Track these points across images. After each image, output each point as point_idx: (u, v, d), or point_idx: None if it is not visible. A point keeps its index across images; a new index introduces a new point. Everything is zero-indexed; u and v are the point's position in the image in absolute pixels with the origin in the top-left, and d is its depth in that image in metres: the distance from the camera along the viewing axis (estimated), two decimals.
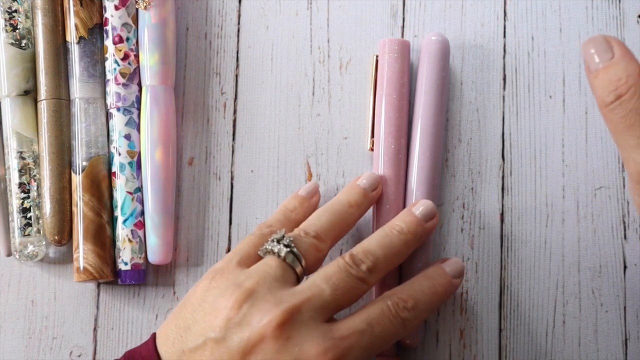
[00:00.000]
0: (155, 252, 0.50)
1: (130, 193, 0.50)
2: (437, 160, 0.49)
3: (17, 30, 0.51)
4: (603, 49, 0.37)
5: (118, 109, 0.51)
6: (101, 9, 0.52)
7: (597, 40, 0.38)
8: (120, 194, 0.50)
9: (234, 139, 0.53)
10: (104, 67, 0.52)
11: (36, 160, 0.51)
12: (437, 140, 0.49)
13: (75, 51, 0.51)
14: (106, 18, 0.51)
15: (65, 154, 0.51)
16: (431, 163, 0.49)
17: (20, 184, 0.50)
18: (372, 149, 0.51)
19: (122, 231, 0.50)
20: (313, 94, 0.53)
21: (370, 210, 0.49)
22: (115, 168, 0.51)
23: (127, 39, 0.51)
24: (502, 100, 0.52)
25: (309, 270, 0.44)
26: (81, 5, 0.51)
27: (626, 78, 0.36)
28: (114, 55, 0.51)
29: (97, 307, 0.51)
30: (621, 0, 0.52)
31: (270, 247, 0.43)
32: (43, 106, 0.51)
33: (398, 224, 0.45)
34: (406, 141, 0.50)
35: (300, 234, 0.44)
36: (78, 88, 0.51)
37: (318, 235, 0.44)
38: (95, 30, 0.51)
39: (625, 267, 0.50)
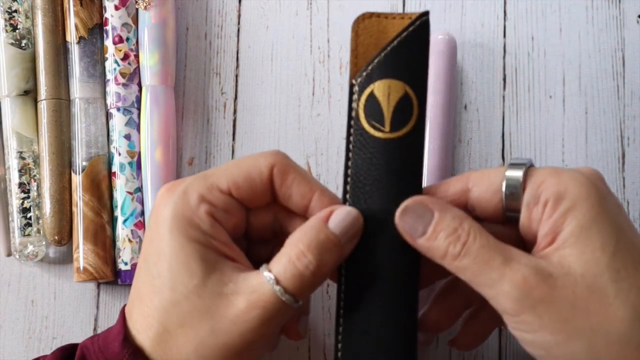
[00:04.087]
0: None
1: (130, 193, 0.50)
2: (447, 158, 0.49)
3: (17, 30, 0.51)
4: (420, 213, 0.37)
5: (118, 109, 0.51)
6: (101, 9, 0.52)
7: (411, 208, 0.38)
8: (120, 194, 0.50)
9: (234, 139, 0.53)
10: (104, 67, 0.52)
11: (36, 160, 0.51)
12: (447, 139, 0.49)
13: (75, 51, 0.51)
14: (106, 18, 0.51)
15: (65, 154, 0.51)
16: (441, 161, 0.49)
17: (20, 184, 0.50)
18: None
19: (122, 231, 0.50)
20: (313, 94, 0.53)
21: None
22: (115, 168, 0.51)
23: (127, 39, 0.51)
24: (502, 100, 0.52)
25: None
26: (81, 5, 0.51)
27: (460, 224, 0.37)
28: (114, 55, 0.51)
29: (97, 307, 0.51)
30: (621, 0, 0.52)
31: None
32: (43, 106, 0.51)
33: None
34: None
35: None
36: (78, 88, 0.51)
37: None
38: (95, 30, 0.51)
39: None
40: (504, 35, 0.53)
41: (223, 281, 0.37)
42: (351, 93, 0.40)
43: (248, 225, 0.41)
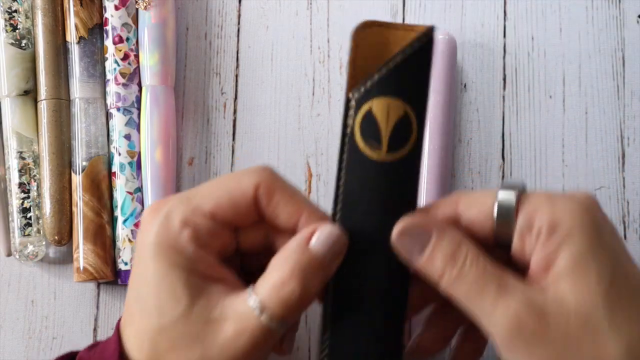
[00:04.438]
0: None
1: (130, 193, 0.50)
2: (447, 158, 0.49)
3: (17, 30, 0.51)
4: (418, 234, 0.36)
5: (118, 109, 0.51)
6: (101, 9, 0.52)
7: (408, 228, 0.36)
8: (120, 194, 0.50)
9: (234, 139, 0.53)
10: (104, 67, 0.52)
11: (36, 160, 0.51)
12: (446, 139, 0.49)
13: (75, 51, 0.51)
14: (106, 18, 0.51)
15: (65, 154, 0.51)
16: (441, 161, 0.49)
17: (20, 184, 0.50)
18: None
19: (122, 231, 0.50)
20: (313, 94, 0.53)
21: None
22: (115, 168, 0.51)
23: (127, 39, 0.51)
24: (502, 100, 0.52)
25: None
26: (81, 5, 0.51)
27: (458, 248, 0.36)
28: (114, 55, 0.51)
29: (97, 307, 0.51)
30: (621, 0, 0.52)
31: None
32: (43, 106, 0.51)
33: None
34: None
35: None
36: (78, 88, 0.51)
37: None
38: (95, 30, 0.51)
39: None
40: (504, 35, 0.53)
41: (210, 306, 0.37)
42: (347, 108, 0.37)
43: (238, 243, 0.40)
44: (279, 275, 0.36)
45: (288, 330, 0.41)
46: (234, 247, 0.40)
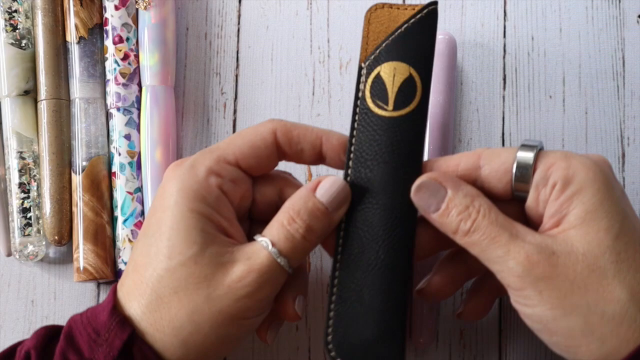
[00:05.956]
0: None
1: (130, 193, 0.50)
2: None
3: (17, 30, 0.51)
4: (434, 190, 0.39)
5: (118, 109, 0.51)
6: (101, 9, 0.52)
7: (425, 185, 0.39)
8: (120, 194, 0.50)
9: None
10: (104, 67, 0.52)
11: (36, 160, 0.51)
12: (446, 139, 0.49)
13: (75, 51, 0.51)
14: (106, 18, 0.51)
15: (65, 154, 0.51)
16: None
17: (20, 184, 0.50)
18: None
19: (122, 231, 0.50)
20: (313, 94, 0.53)
21: None
22: (115, 168, 0.51)
23: (127, 39, 0.51)
24: (502, 100, 0.52)
25: None
26: (81, 5, 0.51)
27: (471, 202, 0.38)
28: (114, 55, 0.51)
29: None
30: (621, 0, 0.52)
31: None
32: (43, 106, 0.51)
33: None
34: None
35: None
36: (78, 88, 0.51)
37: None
38: (95, 30, 0.52)
39: None
40: (504, 35, 0.53)
41: (221, 253, 0.39)
42: (359, 75, 0.42)
43: (253, 202, 0.42)
44: (285, 217, 0.39)
45: (298, 294, 0.42)
46: (249, 201, 0.42)
